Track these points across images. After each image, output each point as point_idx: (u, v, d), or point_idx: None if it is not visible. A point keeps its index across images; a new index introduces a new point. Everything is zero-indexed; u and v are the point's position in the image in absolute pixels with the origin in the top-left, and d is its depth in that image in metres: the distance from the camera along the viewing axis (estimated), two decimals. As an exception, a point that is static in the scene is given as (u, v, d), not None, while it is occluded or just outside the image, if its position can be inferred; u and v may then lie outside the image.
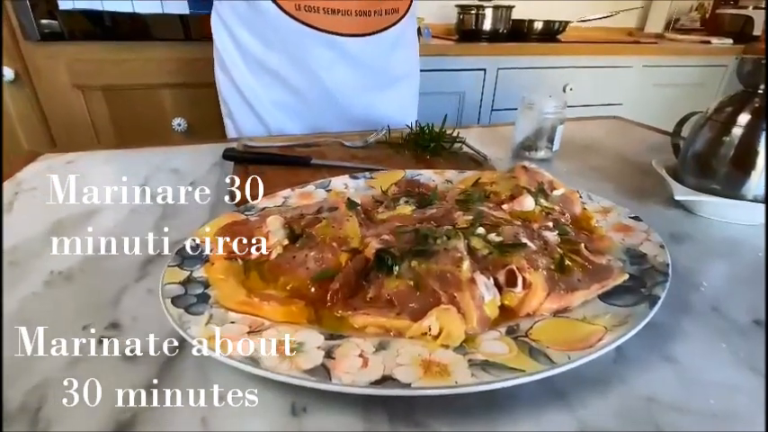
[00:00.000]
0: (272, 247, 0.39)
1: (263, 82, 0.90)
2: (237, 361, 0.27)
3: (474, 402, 0.29)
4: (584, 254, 0.39)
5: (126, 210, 0.56)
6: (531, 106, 0.73)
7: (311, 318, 0.32)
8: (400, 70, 1.00)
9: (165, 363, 0.32)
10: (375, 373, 0.27)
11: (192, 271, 0.37)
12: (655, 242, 0.42)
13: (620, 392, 0.30)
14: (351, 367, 0.27)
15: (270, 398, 0.29)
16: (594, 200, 0.52)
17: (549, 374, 0.27)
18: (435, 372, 0.27)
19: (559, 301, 0.33)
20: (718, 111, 0.56)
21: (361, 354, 0.29)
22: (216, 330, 0.30)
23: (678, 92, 2.08)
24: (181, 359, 0.32)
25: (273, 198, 0.51)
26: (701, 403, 0.30)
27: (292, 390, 0.28)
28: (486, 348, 0.29)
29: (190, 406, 0.28)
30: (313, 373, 0.26)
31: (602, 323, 0.32)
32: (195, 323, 0.31)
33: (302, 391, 0.28)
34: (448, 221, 0.43)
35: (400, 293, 0.33)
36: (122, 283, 0.41)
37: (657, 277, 0.37)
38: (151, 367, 0.31)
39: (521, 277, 0.34)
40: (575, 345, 0.29)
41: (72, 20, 1.29)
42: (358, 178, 0.58)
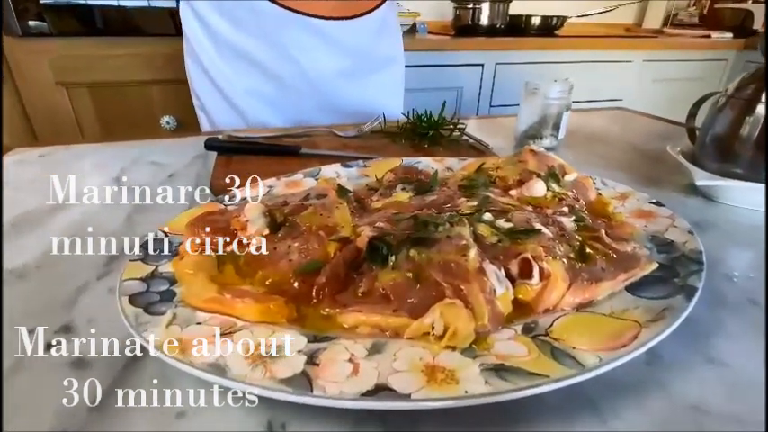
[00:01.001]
0: (251, 238, 0.34)
1: (236, 68, 0.84)
2: (199, 369, 0.22)
3: (486, 414, 0.24)
4: (605, 241, 0.34)
5: (94, 203, 0.51)
6: (536, 92, 0.68)
7: (292, 316, 0.27)
8: (384, 56, 0.94)
9: (120, 372, 0.27)
10: (367, 381, 0.22)
11: (157, 266, 0.33)
12: (682, 228, 0.38)
13: (660, 400, 0.26)
14: (338, 375, 0.22)
15: (241, 414, 0.24)
16: (609, 185, 0.48)
17: (578, 380, 0.22)
18: (440, 379, 0.22)
19: (583, 294, 0.29)
20: (740, 89, 0.52)
21: (350, 358, 0.24)
22: (178, 332, 0.25)
23: (679, 87, 2.04)
24: (137, 368, 0.27)
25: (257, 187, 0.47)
26: (759, 413, 0.25)
27: (268, 403, 0.23)
28: (500, 350, 0.25)
29: (145, 422, 0.24)
30: (291, 382, 0.22)
31: (634, 318, 0.27)
32: (154, 324, 0.26)
33: (281, 405, 0.23)
34: (450, 208, 0.38)
35: (397, 287, 0.28)
36: (82, 281, 0.36)
37: (690, 266, 0.32)
38: (102, 376, 0.27)
39: (537, 267, 0.29)
40: (605, 344, 0.25)
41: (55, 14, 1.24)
42: (350, 167, 0.53)
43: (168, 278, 0.31)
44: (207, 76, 0.86)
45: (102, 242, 0.41)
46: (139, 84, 1.36)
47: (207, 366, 0.22)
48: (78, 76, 1.31)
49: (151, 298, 0.29)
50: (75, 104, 1.33)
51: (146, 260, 0.33)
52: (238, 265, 0.32)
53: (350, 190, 0.42)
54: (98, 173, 0.60)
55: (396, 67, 0.98)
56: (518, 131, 0.73)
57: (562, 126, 0.70)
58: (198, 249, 0.34)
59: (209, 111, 0.89)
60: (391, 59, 0.97)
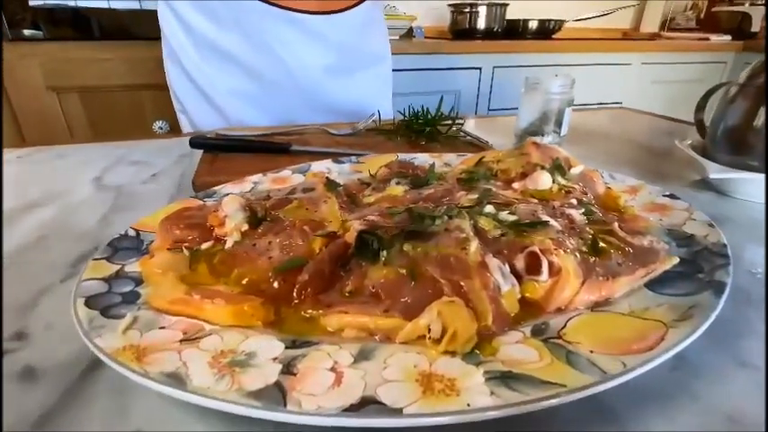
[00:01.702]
0: (229, 234, 0.31)
1: (217, 68, 0.81)
2: (153, 380, 0.19)
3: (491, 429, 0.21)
4: (619, 234, 0.31)
5: (71, 203, 0.48)
6: (536, 86, 0.66)
7: (269, 319, 0.24)
8: (370, 53, 0.91)
9: (74, 384, 0.24)
10: (352, 393, 0.19)
11: (123, 265, 0.29)
12: (700, 221, 0.35)
13: (690, 410, 0.22)
14: (317, 386, 0.19)
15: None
16: (618, 179, 0.45)
17: (600, 390, 0.19)
18: (438, 390, 0.19)
19: (599, 291, 0.25)
20: (753, 77, 0.49)
21: (333, 366, 0.20)
22: (137, 338, 0.22)
23: (678, 89, 2.03)
24: (93, 380, 0.24)
25: (241, 183, 0.44)
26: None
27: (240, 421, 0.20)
28: (507, 355, 0.21)
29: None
30: (261, 395, 0.18)
31: (658, 317, 0.24)
32: (110, 329, 0.23)
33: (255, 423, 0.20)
34: (448, 202, 0.35)
35: (389, 284, 0.25)
36: (44, 283, 0.33)
37: (715, 260, 0.29)
38: (53, 390, 0.23)
39: (546, 261, 0.26)
40: (627, 347, 0.21)
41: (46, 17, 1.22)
42: (343, 162, 0.50)
43: (135, 278, 0.28)
44: (188, 77, 0.82)
45: (70, 243, 0.38)
46: (131, 88, 1.34)
47: (163, 377, 0.19)
48: (69, 81, 1.29)
49: (111, 300, 0.26)
50: (65, 109, 1.31)
51: (111, 259, 0.30)
52: (213, 264, 0.29)
53: (340, 184, 0.39)
54: (78, 172, 0.57)
55: (383, 65, 0.95)
56: (518, 128, 0.70)
57: (564, 122, 0.67)
58: (170, 247, 0.31)
59: (191, 113, 0.86)
60: (378, 57, 0.94)
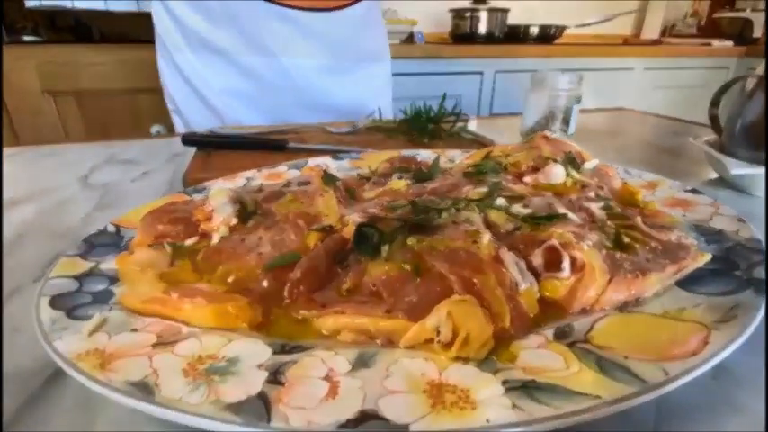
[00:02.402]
0: (215, 229, 0.28)
1: (211, 66, 0.79)
2: (115, 390, 0.16)
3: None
4: (643, 229, 0.28)
5: (54, 201, 0.45)
6: (543, 82, 0.64)
7: (256, 321, 0.21)
8: (367, 52, 0.89)
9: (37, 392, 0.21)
10: (349, 406, 0.16)
11: (98, 262, 0.27)
12: (729, 216, 0.32)
13: (736, 426, 0.19)
14: (308, 398, 0.16)
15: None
16: (634, 174, 0.42)
17: (640, 401, 0.16)
18: (451, 403, 0.16)
19: (628, 289, 0.23)
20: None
21: (327, 375, 0.18)
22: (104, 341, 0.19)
23: (680, 94, 2.01)
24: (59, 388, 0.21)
25: (233, 179, 0.41)
26: None
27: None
28: (528, 361, 0.18)
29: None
30: (241, 408, 0.15)
31: (696, 319, 0.21)
32: (74, 331, 0.20)
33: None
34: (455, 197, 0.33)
35: (391, 281, 0.22)
36: (15, 283, 0.30)
37: (751, 256, 0.26)
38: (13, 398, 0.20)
39: (567, 257, 0.23)
40: (666, 352, 0.19)
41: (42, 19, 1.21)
42: (341, 159, 0.48)
43: (109, 276, 0.25)
44: (181, 76, 0.81)
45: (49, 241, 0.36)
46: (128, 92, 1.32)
47: (128, 386, 0.16)
48: (65, 84, 1.27)
49: (80, 299, 0.23)
50: (61, 113, 1.29)
51: (86, 256, 0.27)
52: (196, 260, 0.26)
53: (338, 177, 0.37)
54: (65, 171, 0.55)
55: (382, 65, 0.93)
56: (524, 127, 0.67)
57: (572, 120, 0.65)
58: (152, 243, 0.28)
59: (185, 113, 0.84)
60: (376, 56, 0.92)
